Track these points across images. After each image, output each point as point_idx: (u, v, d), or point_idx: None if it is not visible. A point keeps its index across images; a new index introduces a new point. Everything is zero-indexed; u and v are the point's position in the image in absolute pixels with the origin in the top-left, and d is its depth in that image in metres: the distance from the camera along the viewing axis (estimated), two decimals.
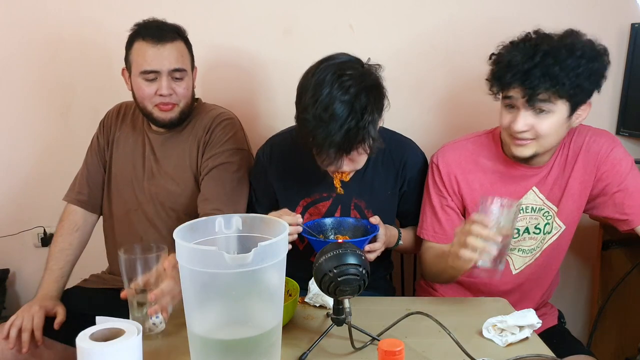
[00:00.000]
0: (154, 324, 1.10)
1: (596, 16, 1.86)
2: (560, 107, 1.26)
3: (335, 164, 1.31)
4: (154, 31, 1.47)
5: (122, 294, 1.11)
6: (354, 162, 1.35)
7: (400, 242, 1.49)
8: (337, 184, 1.41)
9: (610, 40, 1.87)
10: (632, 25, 1.85)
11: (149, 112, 1.52)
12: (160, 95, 1.48)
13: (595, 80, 1.27)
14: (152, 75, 1.47)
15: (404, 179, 1.52)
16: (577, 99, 1.27)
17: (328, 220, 1.44)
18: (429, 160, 1.52)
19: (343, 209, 1.52)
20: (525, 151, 1.31)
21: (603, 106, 1.95)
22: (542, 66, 1.22)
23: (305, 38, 1.88)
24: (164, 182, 1.56)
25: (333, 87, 1.24)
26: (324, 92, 1.24)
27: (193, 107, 1.59)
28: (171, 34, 1.49)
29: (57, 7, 1.93)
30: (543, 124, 1.27)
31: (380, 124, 1.35)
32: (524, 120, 1.27)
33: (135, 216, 1.59)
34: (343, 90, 1.24)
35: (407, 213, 1.57)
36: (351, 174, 1.41)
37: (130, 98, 1.69)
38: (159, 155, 1.58)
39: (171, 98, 1.49)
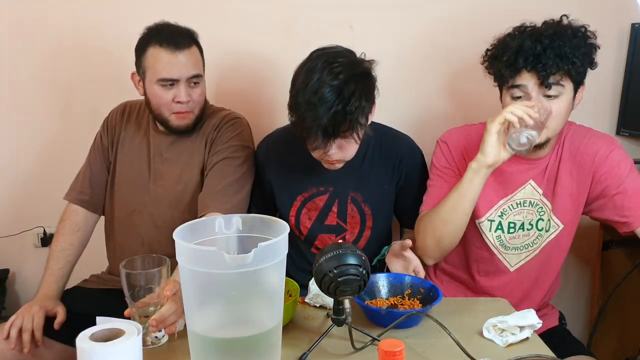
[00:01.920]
0: (156, 337, 1.10)
1: (596, 16, 1.85)
2: (568, 89, 1.30)
3: (323, 148, 1.34)
4: (170, 37, 1.45)
5: (126, 312, 1.10)
6: (343, 151, 1.37)
7: None
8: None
9: (610, 40, 1.88)
10: (632, 25, 1.85)
11: (165, 118, 1.51)
12: (178, 102, 1.47)
13: (592, 59, 1.33)
14: (170, 82, 1.45)
15: (400, 173, 1.54)
16: (579, 78, 1.31)
17: (380, 278, 1.31)
18: (434, 144, 1.54)
19: (340, 203, 1.54)
20: (540, 138, 1.30)
21: (603, 106, 1.95)
22: (553, 47, 1.26)
23: (306, 38, 1.88)
24: (172, 184, 1.56)
25: (323, 72, 1.29)
26: (315, 77, 1.29)
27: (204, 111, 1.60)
28: (187, 40, 1.47)
29: (58, 8, 1.93)
30: (555, 106, 1.29)
31: (372, 117, 1.40)
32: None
33: (139, 218, 1.58)
34: (332, 75, 1.28)
35: (406, 209, 1.58)
36: (341, 164, 1.43)
37: (132, 97, 1.69)
38: (167, 157, 1.57)
39: (188, 105, 1.49)
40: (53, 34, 1.95)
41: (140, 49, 1.48)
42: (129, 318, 1.10)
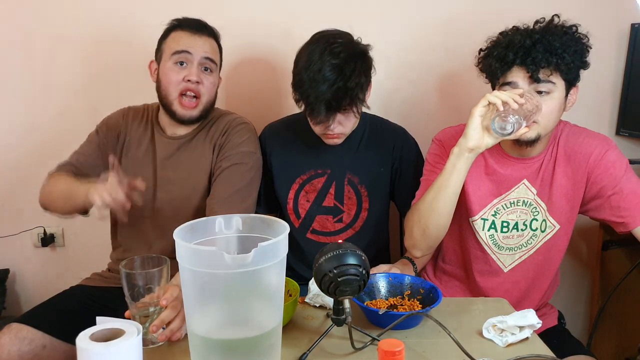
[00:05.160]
0: (156, 337, 1.10)
1: (596, 16, 1.86)
2: (559, 87, 1.31)
3: (326, 122, 1.43)
4: (194, 23, 1.54)
5: (127, 314, 1.10)
6: (344, 125, 1.47)
7: (416, 267, 1.54)
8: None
9: (610, 40, 1.88)
10: (632, 25, 1.85)
11: (170, 102, 1.51)
12: (188, 80, 1.49)
13: (583, 59, 1.33)
14: (182, 57, 1.49)
15: (395, 158, 1.61)
16: (571, 76, 1.32)
17: (380, 278, 1.30)
18: (425, 152, 1.56)
19: (337, 184, 1.60)
20: (529, 134, 1.31)
21: (603, 106, 1.95)
22: (542, 42, 1.28)
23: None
24: (179, 189, 1.55)
25: (324, 52, 1.39)
26: (317, 57, 1.39)
27: (212, 110, 1.60)
28: (209, 31, 1.55)
29: (57, 7, 1.93)
30: (546, 103, 1.29)
31: (369, 94, 1.49)
32: None
33: (145, 224, 1.57)
34: (333, 55, 1.38)
35: (406, 200, 1.61)
36: (340, 140, 1.52)
37: (132, 97, 1.69)
38: (174, 162, 1.56)
39: (197, 87, 1.50)
40: (53, 33, 1.95)
41: (163, 36, 1.55)
42: (129, 319, 1.10)
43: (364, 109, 1.62)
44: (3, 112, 2.02)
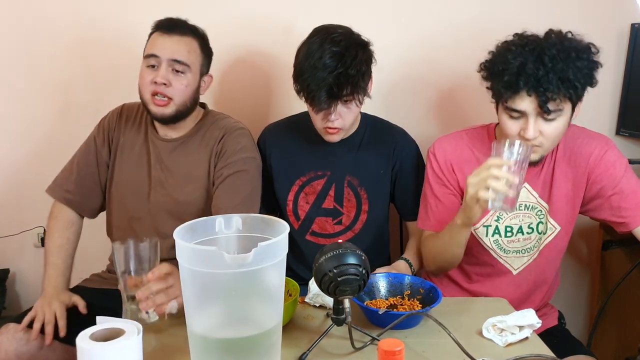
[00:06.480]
0: (147, 313, 1.11)
1: (596, 16, 1.86)
2: (566, 110, 1.27)
3: (327, 109, 1.41)
4: (168, 23, 1.51)
5: (120, 287, 1.11)
6: (343, 117, 1.46)
7: (413, 268, 1.55)
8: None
9: (610, 40, 1.88)
10: (632, 25, 1.85)
11: (145, 102, 1.51)
12: (155, 83, 1.46)
13: (593, 78, 1.29)
14: (152, 60, 1.47)
15: (395, 160, 1.60)
16: (579, 98, 1.27)
17: (379, 278, 1.31)
18: (425, 153, 1.55)
19: (337, 186, 1.59)
20: (533, 157, 1.29)
21: (603, 106, 1.95)
22: (556, 71, 1.21)
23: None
24: (173, 192, 1.53)
25: (325, 41, 1.39)
26: (317, 46, 1.39)
27: (195, 110, 1.57)
28: (185, 30, 1.51)
29: (58, 6, 1.93)
30: (552, 127, 1.27)
31: (371, 88, 1.47)
32: (536, 127, 1.26)
33: (139, 225, 1.56)
34: (334, 43, 1.38)
35: (406, 203, 1.62)
36: (340, 136, 1.51)
37: (132, 96, 1.69)
38: (168, 164, 1.55)
39: (166, 90, 1.46)
40: (53, 32, 1.95)
41: (147, 40, 1.53)
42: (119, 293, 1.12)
43: (364, 110, 1.62)
44: (3, 112, 2.01)
